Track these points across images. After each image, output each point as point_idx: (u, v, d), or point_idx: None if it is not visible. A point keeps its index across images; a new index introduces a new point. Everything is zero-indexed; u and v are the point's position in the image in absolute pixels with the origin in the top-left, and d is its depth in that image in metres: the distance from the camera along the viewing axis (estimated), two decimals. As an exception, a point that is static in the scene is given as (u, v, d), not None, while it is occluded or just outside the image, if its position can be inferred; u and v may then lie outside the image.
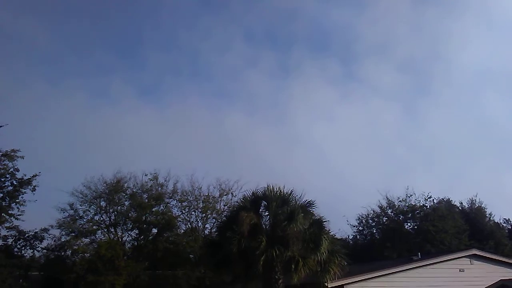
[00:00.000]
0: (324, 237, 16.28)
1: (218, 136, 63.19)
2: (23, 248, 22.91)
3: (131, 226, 28.01)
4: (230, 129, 68.10)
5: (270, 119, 75.12)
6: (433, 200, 37.05)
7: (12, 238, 22.17)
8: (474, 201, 40.56)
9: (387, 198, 36.85)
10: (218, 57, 78.33)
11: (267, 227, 16.99)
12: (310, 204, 17.21)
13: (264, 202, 17.45)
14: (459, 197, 50.64)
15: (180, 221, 28.83)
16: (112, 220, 27.88)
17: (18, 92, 56.38)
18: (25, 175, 21.20)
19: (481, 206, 40.28)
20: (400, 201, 36.65)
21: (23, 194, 21.08)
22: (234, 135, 67.70)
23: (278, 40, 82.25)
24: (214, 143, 60.21)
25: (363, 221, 38.21)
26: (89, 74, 69.85)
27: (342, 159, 68.37)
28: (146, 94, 77.39)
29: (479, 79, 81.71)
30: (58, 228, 25.61)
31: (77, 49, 70.37)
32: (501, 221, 41.20)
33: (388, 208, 36.96)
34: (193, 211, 29.04)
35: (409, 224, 36.83)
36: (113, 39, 73.47)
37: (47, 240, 24.47)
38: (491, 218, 40.09)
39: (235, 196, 28.36)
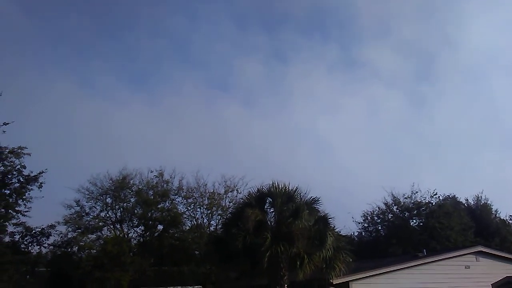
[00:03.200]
0: (329, 234, 16.26)
1: (216, 131, 61.72)
2: (30, 244, 23.01)
3: (137, 222, 28.17)
4: (229, 123, 66.22)
5: (270, 111, 72.20)
6: (439, 197, 37.01)
7: (19, 235, 22.28)
8: (480, 198, 40.50)
9: (392, 194, 36.85)
10: (210, 44, 74.79)
11: (272, 223, 16.98)
12: (315, 200, 17.18)
13: (269, 199, 17.43)
14: (465, 193, 50.48)
15: (185, 217, 29.01)
16: (118, 216, 28.05)
17: (9, 84, 55.10)
18: (31, 172, 21.31)
19: (487, 203, 40.20)
20: (405, 198, 36.62)
21: (29, 191, 21.18)
22: (233, 129, 66.01)
23: (273, 22, 78.23)
24: (213, 139, 58.83)
25: (368, 217, 38.21)
26: (77, 64, 66.58)
27: (347, 154, 67.47)
28: (138, 85, 73.67)
29: (488, 63, 78.11)
30: (65, 225, 25.82)
31: (63, 36, 67.61)
32: (507, 218, 41.07)
33: (393, 205, 36.91)
34: (198, 207, 29.19)
35: (414, 221, 36.76)
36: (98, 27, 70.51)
37: (54, 236, 24.60)
38: (497, 215, 40.02)
39: (240, 193, 28.51)
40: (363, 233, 38.87)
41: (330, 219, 17.04)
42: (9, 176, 20.79)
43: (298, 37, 79.16)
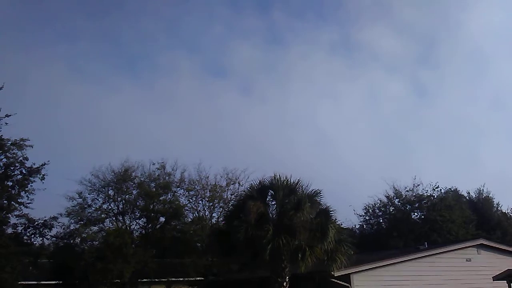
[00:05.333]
0: (331, 227, 16.25)
1: (212, 121, 60.91)
2: (32, 236, 22.99)
3: (139, 214, 28.23)
4: (225, 113, 64.90)
5: (268, 99, 71.06)
6: (441, 190, 37.04)
7: (22, 226, 22.27)
8: (481, 191, 40.56)
9: (394, 187, 36.89)
10: (203, 27, 72.66)
11: (274, 216, 16.98)
12: (317, 193, 17.14)
13: (271, 191, 17.42)
14: (467, 186, 50.35)
15: (187, 210, 29.10)
16: (120, 208, 28.11)
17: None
18: (34, 164, 21.35)
19: (488, 196, 40.27)
20: (407, 190, 36.67)
21: (32, 183, 21.23)
22: (230, 120, 64.76)
23: (268, 3, 75.98)
24: (209, 130, 58.12)
25: (370, 210, 38.24)
26: (68, 48, 65.40)
27: (347, 145, 66.72)
28: (129, 71, 71.76)
29: (492, 47, 76.39)
30: (67, 216, 25.86)
31: (52, 18, 66.60)
32: (508, 211, 41.18)
33: (395, 197, 36.95)
34: (200, 200, 29.29)
35: (416, 214, 36.84)
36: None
37: (56, 228, 24.56)
38: (499, 208, 40.13)
39: (242, 186, 28.48)
40: (364, 226, 38.96)
41: (331, 212, 17.03)
42: (12, 168, 20.81)
43: (295, 19, 77.29)
